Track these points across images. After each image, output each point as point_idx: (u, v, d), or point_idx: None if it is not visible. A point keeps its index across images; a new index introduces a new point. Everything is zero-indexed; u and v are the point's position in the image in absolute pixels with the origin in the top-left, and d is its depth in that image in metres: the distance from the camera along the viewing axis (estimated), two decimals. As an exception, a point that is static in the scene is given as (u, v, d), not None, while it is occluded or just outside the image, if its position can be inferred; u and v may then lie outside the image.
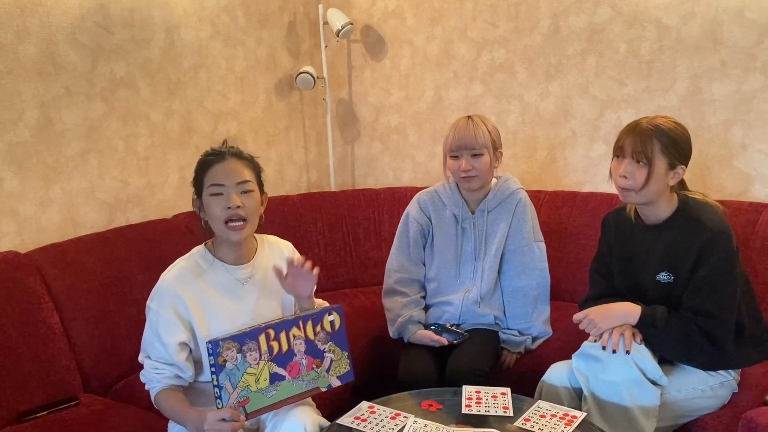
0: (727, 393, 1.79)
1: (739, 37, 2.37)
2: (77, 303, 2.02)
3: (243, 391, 1.48)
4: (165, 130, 2.57)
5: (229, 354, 1.46)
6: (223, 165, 1.60)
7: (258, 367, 1.51)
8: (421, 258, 2.22)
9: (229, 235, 1.61)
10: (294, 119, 3.29)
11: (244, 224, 1.60)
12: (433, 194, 2.24)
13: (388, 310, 2.19)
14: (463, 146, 2.05)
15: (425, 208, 2.22)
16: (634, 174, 1.70)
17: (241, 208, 1.58)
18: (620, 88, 2.66)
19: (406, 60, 3.20)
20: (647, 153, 1.68)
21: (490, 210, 2.15)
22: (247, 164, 1.64)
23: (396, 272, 2.22)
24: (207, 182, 1.61)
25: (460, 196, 2.18)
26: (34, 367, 1.85)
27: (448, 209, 2.18)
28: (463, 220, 2.16)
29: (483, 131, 2.07)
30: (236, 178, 1.59)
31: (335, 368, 1.65)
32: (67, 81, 2.19)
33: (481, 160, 2.07)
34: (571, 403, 1.77)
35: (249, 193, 1.61)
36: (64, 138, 2.21)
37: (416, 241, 2.20)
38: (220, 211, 1.58)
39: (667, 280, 1.78)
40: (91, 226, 2.31)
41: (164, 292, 1.61)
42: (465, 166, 2.06)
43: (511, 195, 2.17)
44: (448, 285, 2.17)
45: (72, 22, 2.19)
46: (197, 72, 2.69)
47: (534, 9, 2.79)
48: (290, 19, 3.19)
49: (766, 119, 2.38)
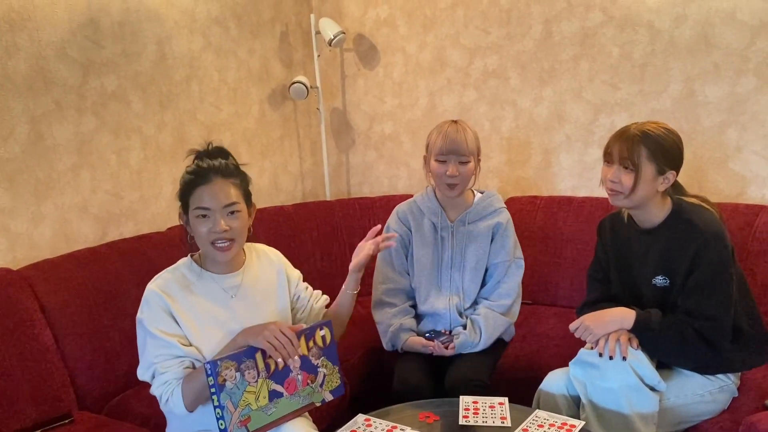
0: (727, 398, 1.78)
1: (731, 39, 2.37)
2: (70, 319, 2.00)
3: (244, 410, 1.47)
4: (157, 143, 2.56)
5: (228, 373, 1.45)
6: (210, 187, 1.55)
7: (257, 385, 1.50)
8: (404, 267, 2.20)
9: (216, 256, 1.59)
10: (288, 129, 3.28)
11: (231, 244, 1.58)
12: (411, 204, 2.22)
13: (379, 322, 2.18)
14: (453, 152, 2.03)
15: (404, 218, 2.20)
16: (622, 179, 1.71)
17: (227, 231, 1.56)
18: (614, 92, 2.65)
19: (399, 68, 3.19)
20: (633, 159, 1.68)
21: (470, 222, 2.13)
22: (232, 183, 1.59)
23: (381, 284, 2.21)
24: (192, 204, 1.57)
25: (438, 204, 2.16)
26: (26, 384, 1.84)
27: (426, 217, 2.16)
28: (441, 229, 2.14)
29: (471, 138, 2.06)
30: (222, 201, 1.55)
31: (328, 383, 1.65)
32: (58, 96, 2.18)
33: (467, 167, 2.05)
34: (569, 411, 1.76)
35: (236, 213, 1.57)
36: (56, 153, 2.19)
37: (398, 251, 2.19)
38: (206, 233, 1.56)
39: (663, 283, 1.77)
40: (84, 240, 2.30)
41: (152, 299, 1.57)
42: (452, 171, 2.03)
43: (493, 213, 2.14)
44: (430, 292, 2.15)
45: (62, 37, 2.18)
46: (189, 84, 2.69)
47: (526, 15, 2.79)
48: (282, 29, 3.19)
49: (760, 121, 2.37)
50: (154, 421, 1.91)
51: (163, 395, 1.54)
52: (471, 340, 2.03)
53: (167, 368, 1.53)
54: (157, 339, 1.54)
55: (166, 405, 1.54)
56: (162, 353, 1.54)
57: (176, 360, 1.54)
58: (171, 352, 1.54)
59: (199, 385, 1.50)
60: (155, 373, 1.55)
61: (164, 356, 1.54)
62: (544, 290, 2.65)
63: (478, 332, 2.05)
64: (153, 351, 1.55)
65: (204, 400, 1.54)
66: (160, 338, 1.54)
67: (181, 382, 1.52)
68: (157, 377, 1.54)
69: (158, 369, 1.54)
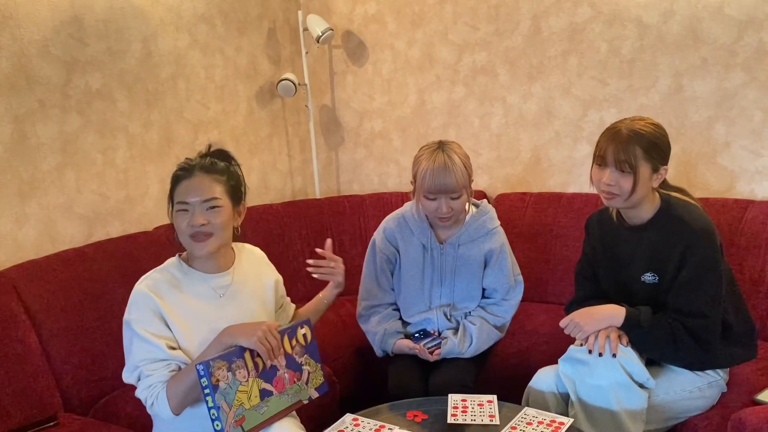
0: (716, 393, 1.78)
1: (719, 34, 2.37)
2: (55, 320, 1.98)
3: (238, 410, 1.47)
4: (144, 142, 2.54)
5: (220, 373, 1.45)
6: (190, 182, 1.58)
7: (248, 384, 1.51)
8: (390, 285, 2.18)
9: (194, 248, 1.59)
10: (276, 127, 3.26)
11: (208, 238, 1.58)
12: (400, 221, 2.14)
13: (367, 332, 2.17)
14: (442, 191, 1.94)
15: (391, 237, 2.14)
16: (620, 182, 1.67)
17: (205, 226, 1.56)
18: (602, 88, 2.65)
19: (388, 65, 3.18)
20: (631, 161, 1.65)
21: (462, 244, 2.08)
22: (216, 179, 1.60)
23: (364, 300, 2.20)
24: (176, 197, 1.59)
25: (429, 226, 2.10)
26: (10, 386, 1.81)
27: (416, 237, 2.11)
28: (432, 249, 2.10)
29: (460, 170, 1.93)
30: (202, 195, 1.57)
31: (313, 380, 1.67)
32: (41, 94, 2.16)
33: (460, 200, 1.97)
34: (558, 408, 1.75)
35: (216, 209, 1.58)
36: (40, 152, 2.17)
37: (383, 269, 2.15)
38: (185, 227, 1.57)
39: (653, 280, 1.76)
40: (69, 241, 2.27)
41: (141, 299, 1.56)
42: (445, 210, 1.96)
43: (486, 236, 2.08)
44: (419, 309, 2.13)
45: (45, 35, 2.15)
46: (176, 82, 2.66)
47: (514, 10, 2.78)
48: (270, 26, 3.16)
49: (748, 116, 2.37)
50: (141, 422, 1.88)
51: (148, 398, 1.52)
52: (459, 348, 2.02)
53: (152, 371, 1.52)
54: (143, 341, 1.53)
55: (152, 408, 1.53)
56: (148, 356, 1.53)
57: (162, 363, 1.53)
58: (157, 356, 1.53)
59: (186, 387, 1.49)
60: (141, 375, 1.53)
61: (150, 359, 1.53)
62: (533, 287, 2.63)
63: (468, 341, 2.04)
64: (139, 353, 1.53)
65: (191, 401, 1.53)
66: (146, 340, 1.53)
67: (166, 385, 1.51)
68: (143, 380, 1.53)
69: (144, 372, 1.52)
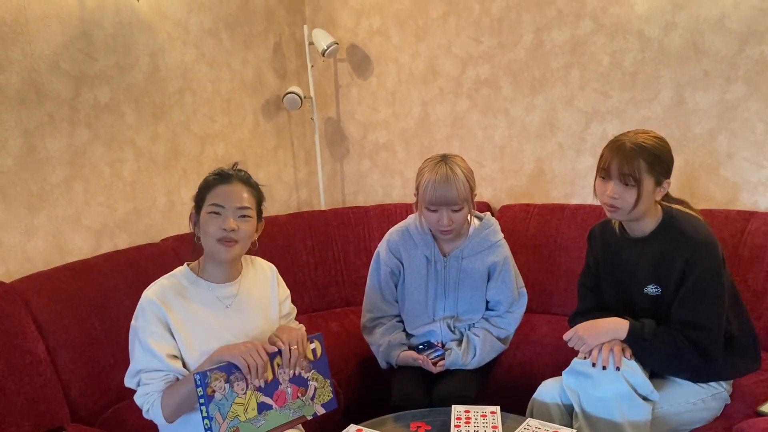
0: (720, 405, 1.78)
1: (721, 47, 2.39)
2: (64, 331, 2.00)
3: (233, 422, 1.48)
4: (151, 155, 2.57)
5: (217, 384, 1.46)
6: (228, 187, 1.63)
7: (246, 397, 1.51)
8: (393, 296, 2.20)
9: (219, 252, 1.61)
10: (282, 139, 3.29)
11: (235, 244, 1.62)
12: (404, 233, 2.15)
13: (371, 344, 2.18)
14: (444, 203, 1.95)
15: (395, 250, 2.15)
16: (624, 195, 1.68)
17: (235, 232, 1.60)
18: (605, 100, 2.66)
19: (392, 77, 3.21)
20: (635, 175, 1.66)
21: (465, 257, 2.09)
22: (251, 191, 1.66)
23: (369, 312, 2.22)
24: (209, 200, 1.62)
25: (432, 239, 2.12)
26: (19, 397, 1.83)
27: (419, 250, 2.12)
28: (436, 262, 2.11)
29: (462, 183, 1.94)
30: (237, 202, 1.61)
31: (319, 396, 1.65)
32: (51, 108, 2.19)
33: (461, 213, 1.98)
34: (562, 420, 1.76)
35: (246, 218, 1.63)
36: (49, 165, 2.20)
37: (387, 282, 2.17)
38: (214, 230, 1.60)
39: (655, 292, 1.77)
40: (77, 253, 2.30)
41: (147, 307, 1.59)
42: (446, 222, 1.97)
43: (489, 249, 2.10)
44: (423, 322, 2.15)
45: (54, 50, 2.19)
46: (183, 95, 2.70)
47: (517, 24, 2.80)
48: (276, 40, 3.20)
49: (750, 127, 2.39)
50: (148, 432, 1.90)
51: (144, 405, 1.58)
52: (462, 360, 2.04)
53: (151, 380, 1.56)
54: (146, 350, 1.57)
55: (147, 414, 1.58)
56: (148, 365, 1.57)
57: (160, 374, 1.57)
58: (156, 366, 1.56)
59: (181, 396, 1.53)
60: (140, 382, 1.58)
61: (150, 368, 1.57)
62: (537, 298, 2.64)
63: (472, 353, 2.05)
64: (141, 360, 1.58)
65: (186, 409, 1.57)
66: (149, 350, 1.56)
67: (162, 394, 1.55)
68: (141, 387, 1.58)
69: (143, 379, 1.57)
